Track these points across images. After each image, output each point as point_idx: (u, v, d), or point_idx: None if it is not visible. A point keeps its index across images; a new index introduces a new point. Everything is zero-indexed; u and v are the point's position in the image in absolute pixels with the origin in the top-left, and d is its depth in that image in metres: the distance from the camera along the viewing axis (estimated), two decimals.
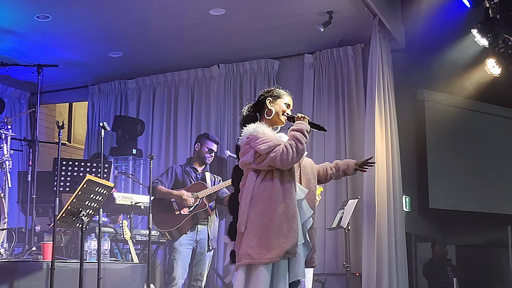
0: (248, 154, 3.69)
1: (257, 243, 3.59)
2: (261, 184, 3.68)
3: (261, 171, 3.71)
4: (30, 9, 7.25)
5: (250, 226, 3.64)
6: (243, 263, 3.58)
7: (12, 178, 6.49)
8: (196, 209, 6.09)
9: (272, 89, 4.08)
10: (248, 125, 3.82)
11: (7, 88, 9.73)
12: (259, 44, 8.40)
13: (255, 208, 3.64)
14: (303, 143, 3.74)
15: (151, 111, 9.40)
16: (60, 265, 5.09)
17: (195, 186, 6.21)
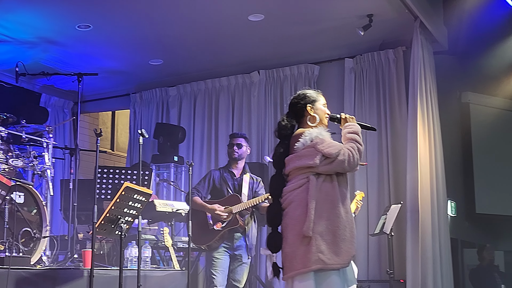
0: (314, 157, 3.62)
1: (326, 248, 3.53)
2: (322, 189, 3.64)
3: (321, 175, 3.66)
4: (72, 19, 7.33)
5: (316, 231, 3.56)
6: (315, 268, 3.50)
7: (55, 186, 6.57)
8: (229, 225, 6.02)
9: (306, 94, 3.99)
10: (309, 130, 3.77)
11: (51, 98, 9.89)
12: (299, 49, 8.35)
13: (318, 212, 3.58)
14: (362, 145, 3.74)
15: (192, 118, 9.43)
16: (101, 272, 5.10)
17: (230, 199, 6.13)
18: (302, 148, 3.70)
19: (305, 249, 3.54)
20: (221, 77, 9.21)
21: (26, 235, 5.28)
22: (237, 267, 6.11)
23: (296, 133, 3.82)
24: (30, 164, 5.79)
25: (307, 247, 3.53)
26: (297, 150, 3.72)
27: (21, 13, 7.10)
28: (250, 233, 6.16)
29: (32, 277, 4.60)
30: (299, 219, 3.58)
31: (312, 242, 3.52)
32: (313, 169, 3.64)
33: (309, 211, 3.55)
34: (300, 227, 3.56)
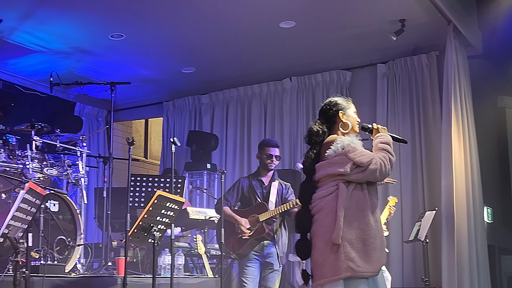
0: (345, 165, 3.62)
1: (356, 256, 3.53)
2: (352, 196, 3.63)
3: (351, 183, 3.66)
4: (105, 29, 7.41)
5: (345, 238, 3.55)
6: (344, 276, 3.50)
7: (89, 194, 6.63)
8: (256, 234, 5.99)
9: (337, 101, 3.98)
10: (341, 138, 3.76)
11: (85, 107, 10.00)
12: (331, 55, 8.32)
13: (348, 220, 3.57)
14: (394, 156, 3.75)
15: (225, 126, 9.45)
16: (134, 280, 5.13)
17: (257, 207, 6.10)
18: (334, 156, 3.68)
19: (335, 256, 3.53)
20: (253, 84, 9.23)
21: (61, 243, 5.33)
22: (269, 275, 6.08)
23: (327, 140, 3.79)
24: (65, 173, 5.85)
25: (336, 255, 3.53)
26: (328, 157, 3.70)
27: (55, 24, 7.20)
28: (280, 241, 6.12)
29: (67, 285, 4.64)
30: (329, 226, 3.58)
31: (341, 249, 3.52)
32: (344, 176, 3.63)
33: (338, 218, 3.54)
34: (330, 235, 3.55)
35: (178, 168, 9.14)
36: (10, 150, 5.52)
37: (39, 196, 3.94)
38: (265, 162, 6.19)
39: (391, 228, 7.58)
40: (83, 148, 6.16)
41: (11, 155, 5.49)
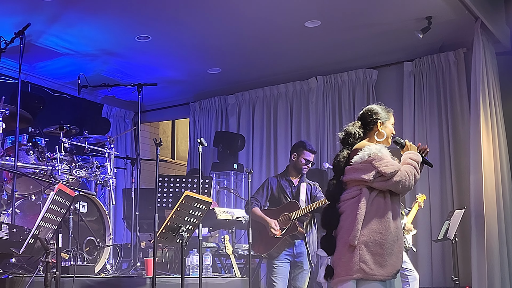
0: (369, 172, 3.74)
1: (370, 259, 3.65)
2: (374, 202, 3.75)
3: (374, 190, 3.78)
4: (131, 31, 7.46)
5: (362, 241, 3.68)
6: (356, 277, 3.63)
7: (117, 195, 6.68)
8: (288, 232, 6.00)
9: (379, 110, 4.10)
10: (370, 145, 3.87)
11: (112, 108, 10.08)
12: (357, 54, 8.29)
13: (367, 224, 3.70)
14: (419, 173, 3.87)
15: (251, 126, 9.47)
16: (163, 280, 5.16)
17: (288, 205, 6.11)
18: (359, 162, 3.80)
19: (349, 257, 3.67)
20: (279, 84, 9.23)
21: (90, 244, 5.38)
22: (298, 274, 6.08)
23: (357, 146, 3.91)
24: (93, 174, 5.90)
25: (351, 256, 3.66)
26: (354, 163, 3.83)
27: (82, 27, 7.26)
28: (311, 240, 6.12)
29: (96, 285, 4.68)
30: (347, 228, 3.72)
31: (356, 251, 3.65)
32: (367, 183, 3.75)
33: (357, 221, 3.67)
34: (347, 236, 3.69)
35: (205, 169, 9.17)
36: (40, 152, 5.58)
37: (68, 197, 3.98)
38: (300, 165, 6.20)
39: (420, 227, 7.54)
40: (111, 150, 6.20)
41: (41, 157, 5.55)
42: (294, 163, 6.26)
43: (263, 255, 6.14)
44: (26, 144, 5.55)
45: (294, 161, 6.25)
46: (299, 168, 6.22)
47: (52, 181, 4.91)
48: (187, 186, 6.46)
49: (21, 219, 5.26)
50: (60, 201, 3.86)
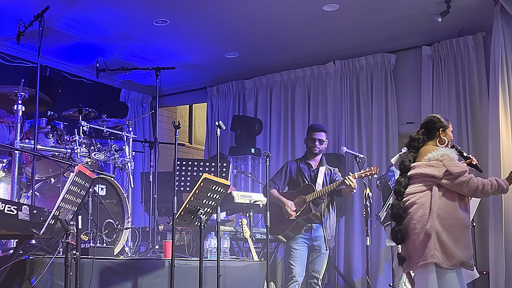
0: (439, 170, 4.20)
1: (439, 248, 4.06)
2: (443, 197, 4.18)
3: (442, 187, 4.21)
4: (149, 15, 7.46)
5: (435, 231, 4.09)
6: (431, 261, 4.04)
7: (135, 179, 6.71)
8: (302, 214, 6.04)
9: (441, 120, 4.56)
10: (443, 149, 4.36)
11: (130, 93, 10.11)
12: (375, 38, 8.24)
13: (439, 217, 4.11)
14: (492, 193, 4.34)
15: (269, 110, 9.46)
16: (181, 262, 5.19)
17: (304, 189, 6.15)
18: (432, 159, 4.28)
19: (424, 244, 4.08)
20: (296, 68, 9.21)
21: (109, 227, 5.42)
22: (316, 258, 6.11)
23: (428, 147, 4.41)
24: (112, 158, 5.93)
25: (425, 243, 4.08)
26: (426, 160, 4.29)
27: (100, 10, 7.28)
28: (328, 224, 6.14)
29: (116, 267, 4.73)
30: (420, 219, 4.13)
31: (431, 239, 4.06)
32: (435, 179, 4.20)
33: (432, 213, 4.10)
34: (421, 226, 4.10)
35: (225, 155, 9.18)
36: (59, 135, 5.62)
37: (88, 179, 4.01)
38: (309, 145, 6.26)
39: None
40: (129, 133, 6.23)
41: (60, 140, 5.58)
42: (306, 145, 6.32)
43: (279, 237, 6.16)
44: (45, 127, 5.58)
45: (306, 143, 6.32)
46: (310, 148, 6.28)
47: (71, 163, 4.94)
48: (205, 170, 6.47)
49: (40, 201, 5.31)
50: (80, 182, 3.89)
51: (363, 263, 7.99)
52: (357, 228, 8.27)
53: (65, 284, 3.60)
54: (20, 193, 5.30)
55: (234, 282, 5.68)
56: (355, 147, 8.40)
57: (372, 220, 6.79)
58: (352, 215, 8.34)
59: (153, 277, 4.99)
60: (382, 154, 8.32)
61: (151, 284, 4.94)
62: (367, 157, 7.79)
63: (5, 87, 5.45)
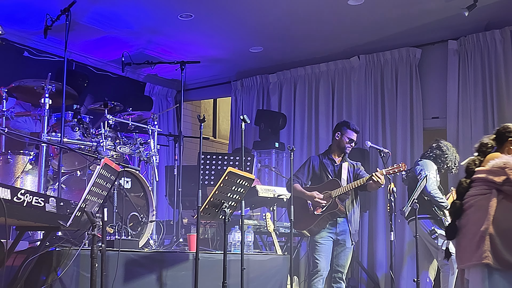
0: (500, 176, 4.20)
1: (493, 250, 4.08)
2: (502, 201, 4.18)
3: (502, 192, 4.21)
4: (174, 9, 7.49)
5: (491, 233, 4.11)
6: (485, 262, 4.06)
7: (160, 172, 6.74)
8: (329, 209, 6.02)
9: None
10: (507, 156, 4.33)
11: (154, 87, 10.16)
12: (400, 33, 8.19)
13: (496, 220, 4.12)
14: None
15: (293, 104, 9.46)
16: (205, 256, 5.21)
17: (329, 184, 6.13)
18: (494, 166, 4.27)
19: (477, 245, 4.11)
20: (320, 63, 9.19)
21: (134, 219, 5.45)
22: (340, 252, 6.10)
23: (493, 155, 4.39)
24: (137, 151, 5.96)
25: (479, 245, 4.11)
26: (489, 166, 4.29)
27: (126, 5, 7.32)
28: (353, 218, 6.14)
29: (141, 259, 4.75)
30: (477, 222, 4.16)
31: (485, 241, 4.08)
32: (495, 185, 4.21)
33: (489, 215, 4.12)
34: (477, 228, 4.13)
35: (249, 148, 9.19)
36: (85, 129, 5.66)
37: (114, 172, 4.04)
38: (344, 144, 6.24)
39: None
40: (154, 127, 6.26)
41: (86, 133, 5.62)
42: (337, 142, 6.27)
43: (304, 232, 6.18)
44: (71, 121, 5.63)
45: (338, 140, 6.27)
46: (342, 147, 6.24)
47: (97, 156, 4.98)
48: (229, 164, 6.48)
49: (66, 194, 5.36)
50: (106, 175, 3.91)
51: (387, 258, 7.97)
52: (381, 223, 8.25)
53: (91, 275, 3.63)
54: (46, 186, 5.35)
55: (258, 276, 5.69)
56: (379, 142, 8.37)
57: (396, 215, 6.76)
58: (376, 210, 8.31)
59: (177, 270, 5.01)
60: (406, 149, 8.28)
61: (175, 276, 4.97)
62: (391, 152, 7.74)
63: (33, 80, 5.49)
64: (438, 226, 6.46)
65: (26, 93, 5.67)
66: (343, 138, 6.23)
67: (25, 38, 8.21)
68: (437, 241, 6.39)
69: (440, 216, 6.45)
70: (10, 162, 5.28)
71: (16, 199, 3.09)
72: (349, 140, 6.23)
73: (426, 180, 6.29)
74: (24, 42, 8.26)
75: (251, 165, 6.72)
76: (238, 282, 4.93)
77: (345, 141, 6.23)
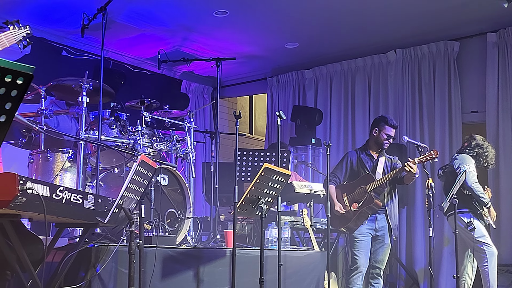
0: None
1: None
2: None
3: None
4: (209, 6, 7.51)
5: None
6: None
7: (196, 169, 6.77)
8: (364, 204, 5.99)
9: None
10: None
11: (191, 84, 10.21)
12: (437, 26, 8.08)
13: None
14: None
15: (329, 100, 9.42)
16: (242, 252, 5.22)
17: (364, 178, 6.09)
18: None
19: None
20: (356, 58, 9.13)
21: (171, 216, 5.48)
22: (379, 248, 6.06)
23: None
24: (173, 148, 5.98)
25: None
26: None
27: (161, 2, 7.36)
28: (392, 213, 6.09)
29: (178, 256, 4.78)
30: None
31: None
32: None
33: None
34: None
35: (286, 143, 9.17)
36: (122, 126, 5.70)
37: (150, 168, 4.06)
38: (382, 140, 6.17)
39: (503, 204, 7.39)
40: (190, 124, 6.28)
41: (123, 131, 5.66)
42: (375, 138, 6.22)
43: (342, 229, 6.15)
44: (108, 118, 5.67)
45: (375, 136, 6.21)
46: (380, 143, 6.18)
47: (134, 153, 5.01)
48: (265, 160, 6.47)
49: (104, 191, 5.41)
50: (143, 172, 3.94)
51: (426, 254, 7.89)
52: (419, 219, 8.17)
53: (129, 271, 3.66)
54: (85, 183, 5.41)
55: (295, 272, 5.68)
56: (416, 136, 8.28)
57: (435, 211, 6.68)
58: (414, 205, 8.24)
59: (214, 266, 5.03)
60: (445, 144, 8.18)
61: (212, 273, 4.99)
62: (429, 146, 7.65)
63: (70, 79, 5.56)
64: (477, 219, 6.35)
65: (64, 91, 5.74)
66: (381, 135, 6.17)
67: (63, 38, 8.32)
68: (473, 233, 6.29)
69: (480, 210, 6.35)
70: (49, 160, 5.36)
71: (55, 196, 3.12)
72: (387, 136, 6.16)
73: (465, 174, 6.20)
74: (62, 42, 8.37)
75: (287, 161, 6.70)
76: (275, 278, 4.93)
77: (383, 137, 6.16)
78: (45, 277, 3.61)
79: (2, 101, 1.96)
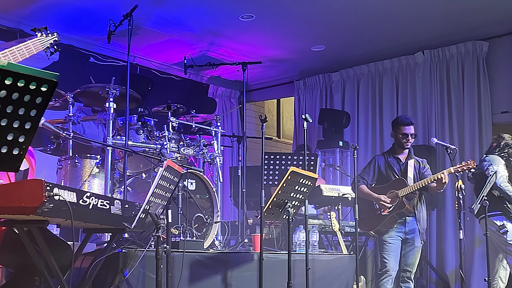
0: None
1: None
2: None
3: None
4: (235, 10, 7.52)
5: None
6: None
7: (224, 173, 6.77)
8: (396, 210, 5.92)
9: None
10: None
11: (218, 88, 10.23)
12: (466, 26, 7.99)
13: None
14: None
15: (356, 103, 9.37)
16: (270, 256, 5.21)
17: (396, 183, 6.02)
18: None
19: None
20: (384, 59, 9.07)
21: (199, 221, 5.49)
22: (409, 252, 5.99)
23: None
24: (200, 152, 6.00)
25: None
26: None
27: (187, 8, 7.39)
28: (421, 217, 6.03)
29: (206, 260, 4.79)
30: None
31: None
32: None
33: None
34: None
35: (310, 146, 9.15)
36: (149, 131, 5.73)
37: (177, 173, 4.07)
38: (401, 141, 6.11)
39: None
40: (217, 128, 6.29)
41: (150, 136, 5.69)
42: (395, 140, 6.18)
43: (371, 233, 6.11)
44: (136, 124, 5.71)
45: (394, 138, 6.19)
46: (400, 143, 6.12)
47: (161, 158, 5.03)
48: (292, 163, 6.46)
49: (132, 196, 5.44)
50: (169, 177, 3.94)
51: (456, 257, 7.80)
52: (450, 221, 8.08)
53: (156, 276, 3.67)
54: (113, 189, 5.44)
55: (323, 276, 5.65)
56: (446, 138, 8.20)
57: (465, 213, 6.59)
58: (444, 208, 8.15)
59: (242, 270, 5.03)
60: (475, 145, 8.08)
61: (240, 277, 4.98)
62: (458, 148, 7.59)
63: (98, 85, 5.60)
64: (510, 221, 6.26)
65: (91, 97, 5.79)
66: (398, 135, 6.12)
67: (90, 44, 8.39)
68: (506, 236, 6.20)
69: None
70: (77, 166, 5.41)
71: (82, 202, 3.14)
72: (402, 135, 6.09)
73: (495, 175, 6.11)
74: (90, 48, 8.44)
75: (314, 164, 6.68)
76: (303, 282, 4.91)
77: (400, 137, 6.10)
78: (73, 283, 3.64)
79: (27, 108, 1.97)
